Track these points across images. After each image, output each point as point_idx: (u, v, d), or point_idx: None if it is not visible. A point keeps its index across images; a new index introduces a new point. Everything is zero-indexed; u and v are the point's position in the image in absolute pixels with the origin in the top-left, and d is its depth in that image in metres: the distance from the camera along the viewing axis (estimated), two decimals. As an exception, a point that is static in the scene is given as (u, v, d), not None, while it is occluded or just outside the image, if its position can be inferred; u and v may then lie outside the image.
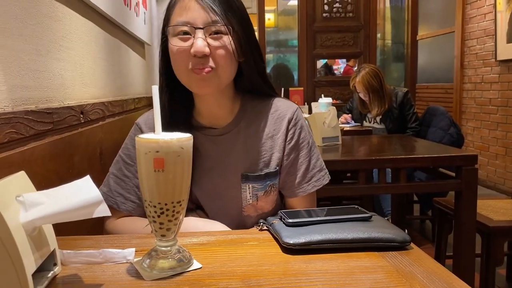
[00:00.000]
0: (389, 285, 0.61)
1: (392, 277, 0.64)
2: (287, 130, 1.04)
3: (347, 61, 5.17)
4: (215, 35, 0.91)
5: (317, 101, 3.15)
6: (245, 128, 1.03)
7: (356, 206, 0.86)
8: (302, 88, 3.67)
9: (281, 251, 0.74)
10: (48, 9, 1.09)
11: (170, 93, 0.99)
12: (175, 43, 0.92)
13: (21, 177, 0.62)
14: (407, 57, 4.74)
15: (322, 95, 3.17)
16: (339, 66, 6.80)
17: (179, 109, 1.01)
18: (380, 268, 0.67)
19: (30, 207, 0.58)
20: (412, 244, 0.76)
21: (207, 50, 0.90)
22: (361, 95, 3.28)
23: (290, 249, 0.72)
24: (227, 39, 0.92)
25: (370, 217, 0.81)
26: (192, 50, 0.89)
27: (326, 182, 1.07)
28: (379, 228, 0.77)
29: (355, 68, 4.66)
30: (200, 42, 0.89)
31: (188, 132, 0.97)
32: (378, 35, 4.61)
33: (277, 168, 1.03)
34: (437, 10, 5.84)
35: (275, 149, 1.03)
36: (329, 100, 2.95)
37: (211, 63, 0.91)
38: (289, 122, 1.04)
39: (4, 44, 0.85)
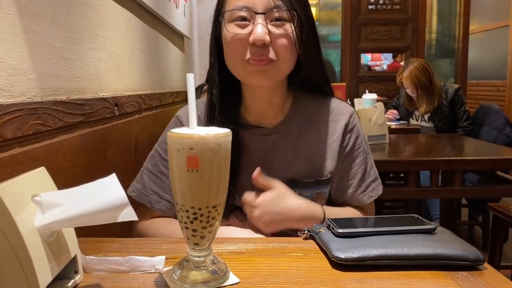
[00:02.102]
0: (465, 316, 0.50)
1: (467, 305, 0.53)
2: (343, 135, 0.94)
3: (394, 57, 4.92)
4: (277, 22, 0.82)
5: (360, 97, 3.00)
6: (296, 129, 0.93)
7: (416, 216, 0.75)
8: (344, 84, 3.52)
9: (330, 265, 0.64)
10: (83, -5, 1.04)
11: (221, 87, 0.91)
12: (231, 30, 0.83)
13: (41, 173, 0.56)
14: (458, 52, 4.47)
15: (367, 90, 3.02)
16: (382, 62, 6.53)
17: (227, 105, 0.91)
18: (450, 292, 0.56)
19: (47, 208, 0.51)
20: (486, 264, 0.64)
21: (267, 38, 0.80)
22: (409, 91, 3.10)
23: (341, 265, 0.62)
24: (289, 27, 0.82)
25: (434, 229, 0.70)
26: (251, 38, 0.80)
27: (381, 193, 0.96)
28: (446, 242, 0.65)
29: (402, 63, 4.44)
30: (260, 29, 0.79)
31: (235, 131, 0.90)
32: (426, 29, 4.37)
33: (329, 176, 0.93)
34: (490, 3, 5.51)
35: (328, 155, 0.93)
36: (374, 96, 2.79)
37: (271, 54, 0.82)
38: (345, 127, 0.94)
39: (34, 29, 0.80)
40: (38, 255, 0.48)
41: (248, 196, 0.86)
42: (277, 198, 0.85)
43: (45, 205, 0.51)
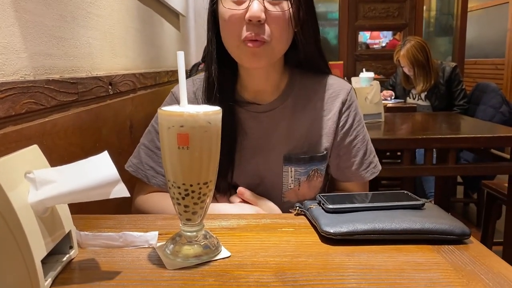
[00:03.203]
0: (448, 286, 0.52)
1: (451, 277, 0.54)
2: (340, 113, 0.94)
3: (394, 34, 4.87)
4: (274, 0, 0.81)
5: (357, 75, 2.99)
6: (292, 106, 0.93)
7: (405, 192, 0.76)
8: (341, 62, 3.50)
9: (319, 240, 0.65)
10: (74, -28, 1.03)
11: (219, 63, 0.90)
12: (227, 6, 0.82)
13: (33, 151, 0.56)
14: (456, 29, 4.44)
15: (364, 69, 3.00)
16: (381, 40, 6.47)
17: (224, 81, 0.91)
18: (435, 265, 0.58)
19: (40, 185, 0.52)
20: (472, 238, 0.66)
21: (263, 16, 0.79)
22: (406, 70, 3.10)
23: (330, 239, 0.64)
24: (286, 5, 0.82)
25: (423, 204, 0.72)
26: (247, 15, 0.80)
27: (380, 168, 0.98)
28: (433, 218, 0.67)
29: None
30: (256, 6, 0.79)
31: (230, 107, 0.90)
32: (424, 7, 4.32)
33: (325, 152, 0.94)
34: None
35: (324, 132, 0.93)
36: (371, 74, 2.78)
37: (266, 34, 0.81)
38: (342, 104, 0.94)
39: (24, 8, 0.79)
40: (32, 230, 0.49)
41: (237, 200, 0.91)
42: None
43: (38, 182, 0.52)
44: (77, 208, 0.60)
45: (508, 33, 4.90)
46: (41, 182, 0.52)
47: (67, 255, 0.58)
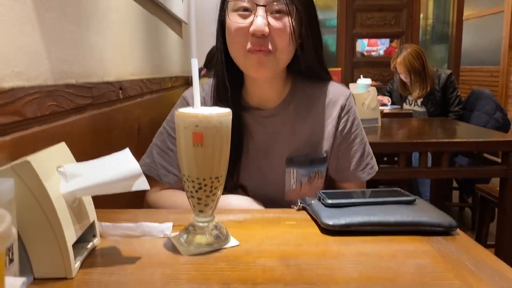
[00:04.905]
0: (435, 271, 0.58)
1: (438, 263, 0.60)
2: (339, 118, 1.00)
3: (390, 41, 4.96)
4: (277, 15, 0.87)
5: (355, 82, 3.06)
6: (294, 111, 0.99)
7: (398, 189, 0.82)
8: (339, 69, 3.57)
9: (319, 231, 0.72)
10: (89, -16, 1.09)
11: (227, 70, 0.96)
12: (233, 19, 0.88)
13: (62, 148, 0.63)
14: (452, 37, 4.53)
15: (361, 76, 3.07)
16: (378, 47, 6.55)
17: (231, 88, 0.97)
18: (424, 253, 0.64)
19: (70, 178, 0.58)
20: (458, 230, 0.72)
21: (266, 30, 0.85)
22: (402, 77, 3.17)
23: (329, 230, 0.70)
24: (288, 20, 0.88)
25: (414, 200, 0.78)
26: (251, 29, 0.86)
27: (377, 169, 1.04)
28: (424, 211, 0.73)
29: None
30: (260, 21, 0.85)
31: (237, 112, 0.96)
32: (421, 15, 4.42)
33: (325, 155, 1.00)
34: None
35: (324, 136, 1.00)
36: (368, 81, 2.85)
37: (270, 46, 0.87)
38: (341, 109, 1.00)
39: (45, 18, 0.86)
40: (65, 218, 0.55)
41: None
42: None
43: (68, 175, 0.58)
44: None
45: (503, 41, 4.99)
46: (70, 175, 0.58)
47: (91, 243, 0.64)
